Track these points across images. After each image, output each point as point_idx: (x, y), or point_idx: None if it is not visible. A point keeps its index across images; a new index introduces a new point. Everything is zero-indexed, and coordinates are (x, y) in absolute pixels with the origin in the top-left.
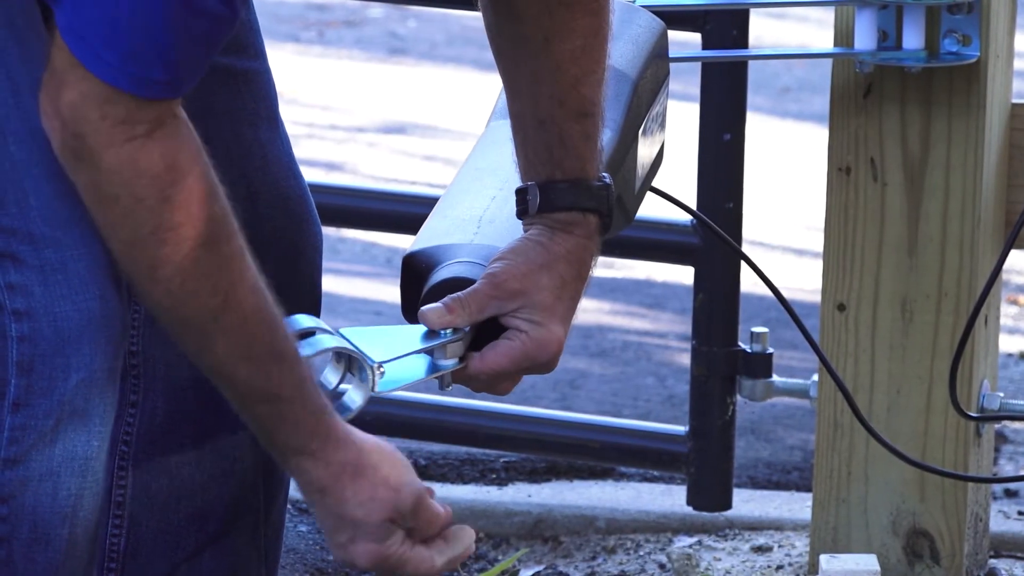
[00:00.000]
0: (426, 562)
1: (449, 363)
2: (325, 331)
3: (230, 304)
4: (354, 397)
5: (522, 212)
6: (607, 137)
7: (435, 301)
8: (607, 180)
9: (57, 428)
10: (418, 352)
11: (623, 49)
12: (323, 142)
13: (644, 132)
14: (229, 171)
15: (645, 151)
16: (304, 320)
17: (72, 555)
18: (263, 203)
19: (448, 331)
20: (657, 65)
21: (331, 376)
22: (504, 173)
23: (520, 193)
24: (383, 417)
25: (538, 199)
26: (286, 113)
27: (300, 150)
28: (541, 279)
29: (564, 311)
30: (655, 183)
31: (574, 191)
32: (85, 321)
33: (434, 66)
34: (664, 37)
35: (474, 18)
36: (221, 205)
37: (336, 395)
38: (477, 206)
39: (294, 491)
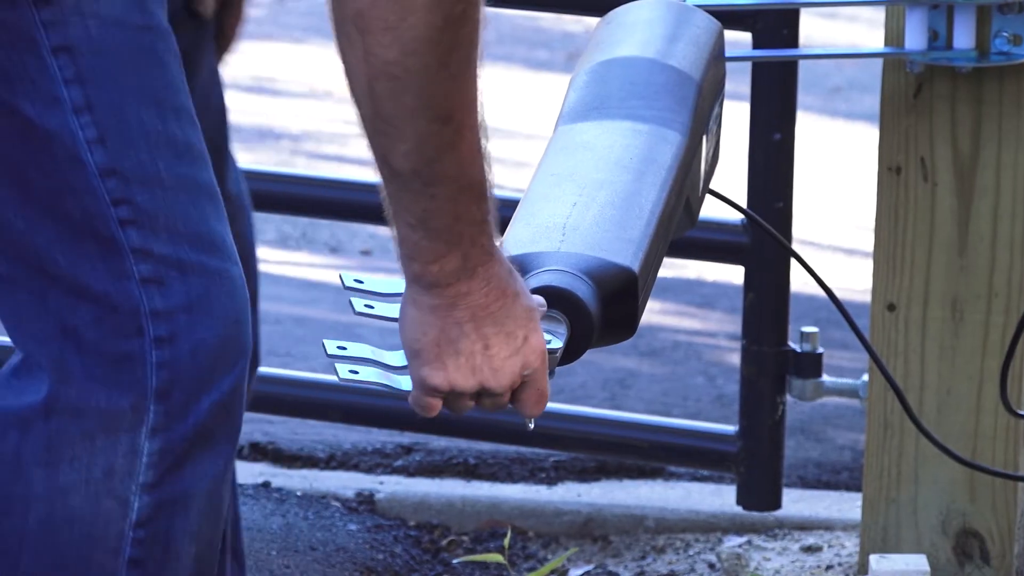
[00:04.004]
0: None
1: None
2: None
3: (476, 97)
4: None
5: None
6: (676, 140)
7: None
8: None
9: (190, 451)
10: None
11: (685, 51)
12: None
13: (707, 133)
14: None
15: (708, 152)
16: None
17: (198, 573)
18: (231, 163)
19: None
20: (717, 66)
21: None
22: (581, 178)
23: None
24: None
25: None
26: (337, 112)
27: (350, 149)
28: None
29: None
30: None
31: None
32: (221, 346)
33: (484, 65)
34: (721, 38)
35: (524, 17)
36: None
37: None
38: (559, 213)
39: (344, 489)
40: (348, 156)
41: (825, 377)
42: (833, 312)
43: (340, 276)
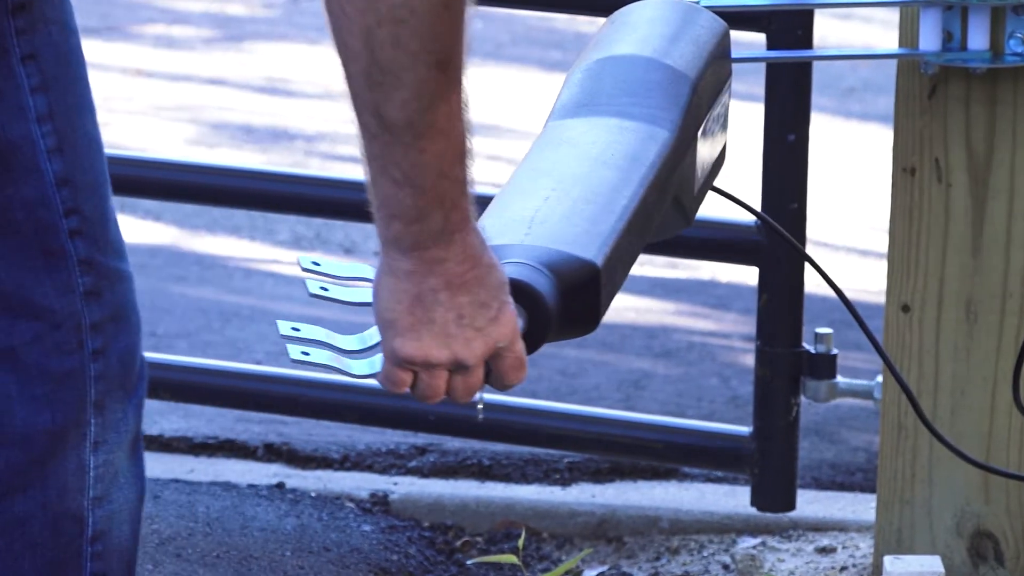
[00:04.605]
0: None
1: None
2: None
3: (466, 48)
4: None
5: None
6: (663, 137)
7: None
8: None
9: (124, 459)
10: None
11: (683, 50)
12: None
13: (704, 133)
14: None
15: (705, 152)
16: None
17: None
18: None
19: None
20: (718, 66)
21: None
22: (559, 173)
23: None
24: (446, 417)
25: None
26: (351, 114)
27: None
28: None
29: None
30: (719, 184)
31: None
32: (134, 350)
33: (499, 66)
34: (726, 38)
35: (539, 18)
36: None
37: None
38: (530, 206)
39: (358, 490)
40: None
41: (839, 378)
42: (847, 313)
43: (298, 259)
